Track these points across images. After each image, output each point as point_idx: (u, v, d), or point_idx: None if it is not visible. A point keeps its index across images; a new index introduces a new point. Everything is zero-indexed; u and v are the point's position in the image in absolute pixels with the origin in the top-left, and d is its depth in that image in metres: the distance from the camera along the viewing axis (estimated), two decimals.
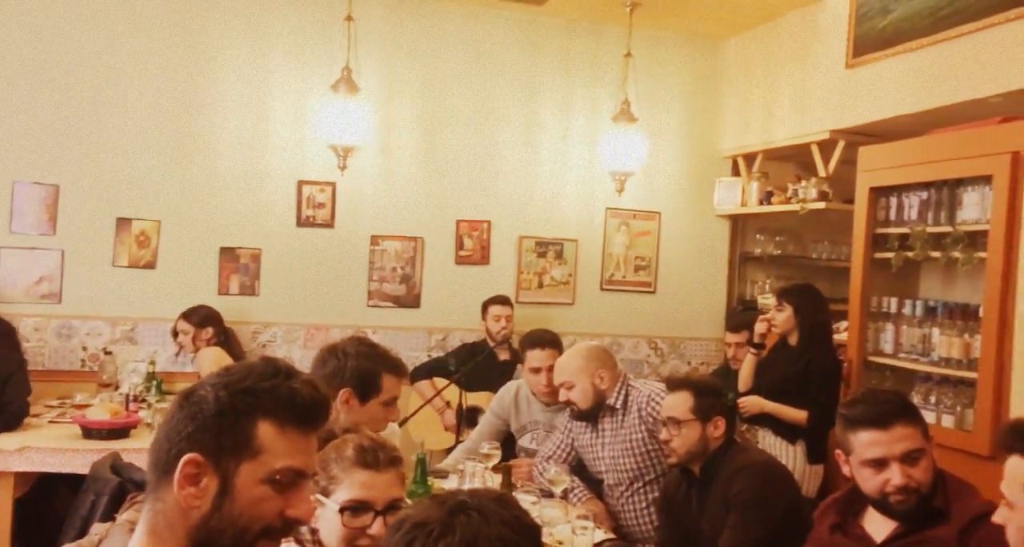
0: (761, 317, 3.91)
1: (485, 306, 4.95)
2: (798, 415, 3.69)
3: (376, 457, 1.67)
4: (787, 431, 3.73)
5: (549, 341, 3.46)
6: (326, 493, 1.67)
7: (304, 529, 1.67)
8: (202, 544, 1.17)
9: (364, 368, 2.27)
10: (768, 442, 3.76)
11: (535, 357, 3.42)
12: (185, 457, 1.17)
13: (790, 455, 3.71)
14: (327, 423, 1.48)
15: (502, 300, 4.92)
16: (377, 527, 1.64)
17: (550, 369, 3.25)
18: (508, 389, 3.60)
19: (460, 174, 5.30)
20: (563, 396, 3.08)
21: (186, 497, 1.16)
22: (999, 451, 1.61)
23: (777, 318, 3.83)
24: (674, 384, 2.68)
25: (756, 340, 3.94)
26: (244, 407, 1.18)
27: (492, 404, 3.58)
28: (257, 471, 1.17)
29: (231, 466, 1.17)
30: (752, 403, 3.70)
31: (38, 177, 4.72)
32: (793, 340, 3.82)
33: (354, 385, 2.27)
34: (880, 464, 1.99)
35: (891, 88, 4.11)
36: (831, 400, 3.65)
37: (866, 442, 1.99)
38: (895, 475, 1.96)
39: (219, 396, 1.19)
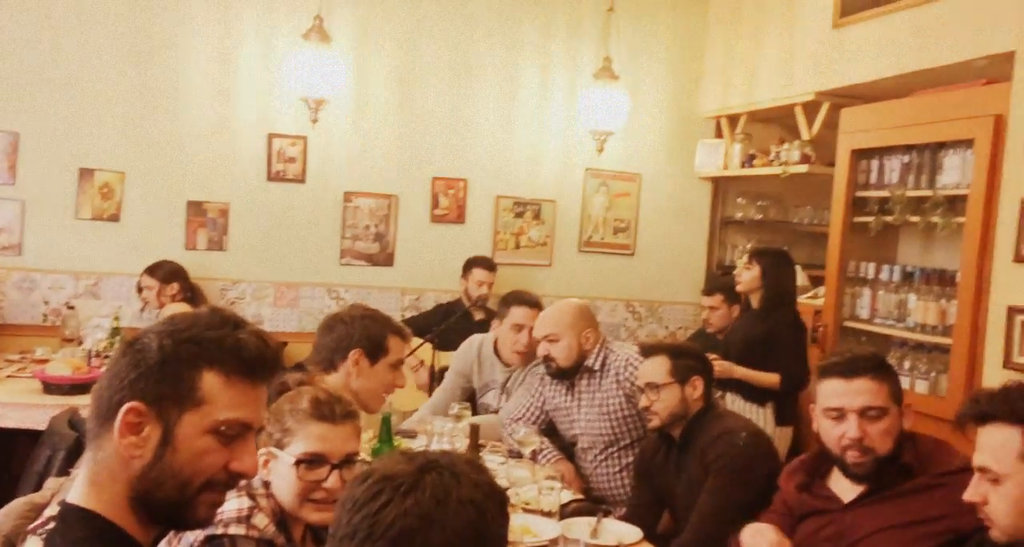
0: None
1: (468, 266, 4.91)
2: (771, 379, 3.75)
3: (332, 410, 1.67)
4: (756, 395, 3.80)
5: (536, 302, 3.47)
6: (280, 445, 1.67)
7: (256, 482, 1.66)
8: (143, 494, 1.16)
9: (371, 330, 2.34)
10: (737, 406, 3.81)
11: (521, 314, 3.41)
12: (126, 405, 1.16)
13: (759, 418, 3.77)
14: (281, 376, 1.53)
15: (488, 265, 4.88)
16: (333, 480, 1.65)
17: (532, 330, 3.24)
18: (470, 344, 3.60)
19: (436, 130, 5.24)
20: (543, 350, 3.07)
21: (127, 446, 1.16)
22: (967, 421, 1.58)
23: (743, 276, 3.88)
24: (648, 349, 2.71)
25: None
26: (188, 356, 1.17)
27: (454, 362, 3.58)
28: (201, 422, 1.17)
29: (173, 415, 1.16)
30: (723, 368, 3.70)
31: None
32: (756, 302, 3.87)
33: (364, 346, 2.33)
34: (839, 415, 2.01)
35: (877, 49, 4.08)
36: (797, 362, 3.72)
37: (828, 392, 2.02)
38: (851, 428, 1.98)
39: (163, 344, 1.18)
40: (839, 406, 2.00)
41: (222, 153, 4.95)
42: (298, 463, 1.66)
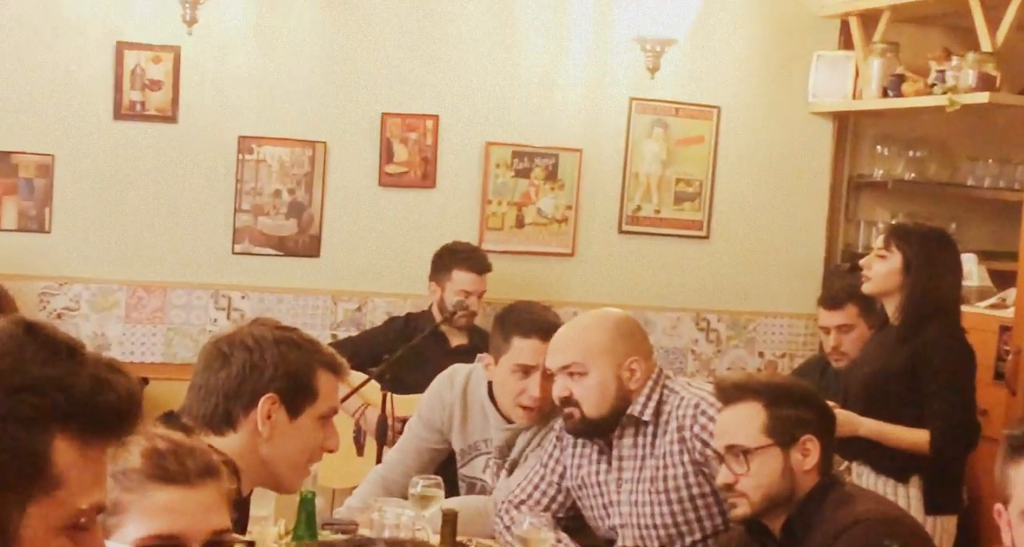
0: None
1: (443, 263, 4.66)
2: (916, 438, 3.64)
3: (182, 465, 1.65)
4: (893, 464, 3.70)
5: (554, 329, 3.23)
6: (107, 532, 1.58)
7: None
8: None
9: (291, 362, 2.29)
10: (866, 482, 3.73)
11: (531, 350, 3.26)
12: None
13: (900, 503, 3.58)
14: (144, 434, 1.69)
15: (476, 264, 4.63)
16: None
17: (551, 376, 3.09)
18: (450, 381, 3.55)
19: (390, 40, 4.95)
20: (561, 391, 2.98)
21: None
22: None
23: (875, 268, 3.77)
24: (732, 391, 2.66)
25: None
26: (26, 415, 1.17)
27: (422, 405, 3.55)
28: (54, 514, 1.19)
29: (13, 513, 1.17)
30: (844, 421, 3.47)
31: None
32: (894, 311, 3.75)
33: (280, 389, 2.27)
34: None
35: None
36: (961, 410, 3.63)
37: None
38: None
39: None
40: None
41: (42, 75, 4.69)
42: None
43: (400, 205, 5.05)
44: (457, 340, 4.57)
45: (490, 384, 3.44)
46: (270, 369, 2.26)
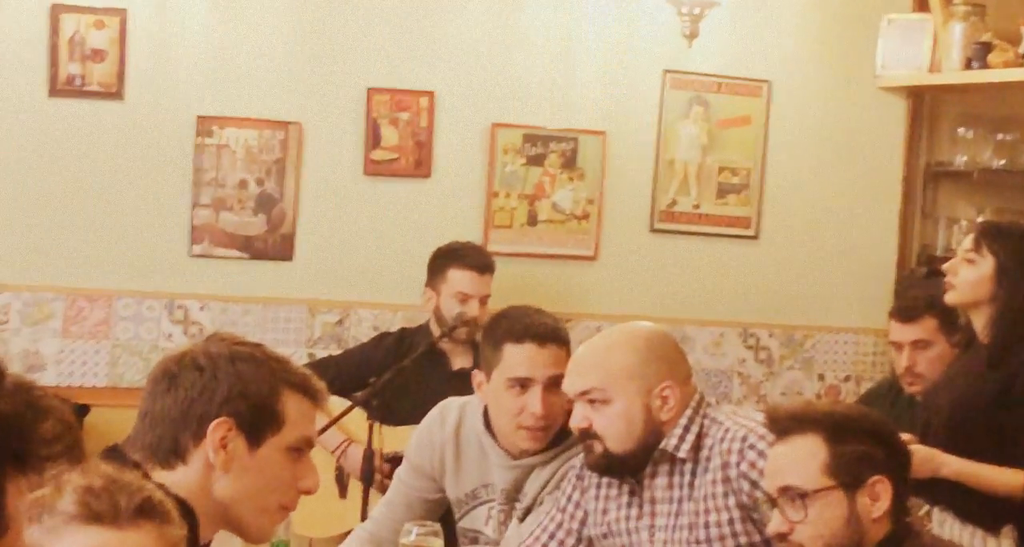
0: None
1: (438, 264, 4.39)
2: (1007, 479, 3.45)
3: (112, 505, 1.59)
4: (983, 511, 3.50)
5: (552, 333, 3.15)
6: None
7: None
8: None
9: (250, 383, 2.12)
10: (951, 531, 3.56)
11: (526, 358, 3.12)
12: None
13: None
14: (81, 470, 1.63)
15: (474, 261, 4.39)
16: None
17: (551, 385, 2.99)
18: (441, 415, 3.39)
19: (377, 2, 4.76)
20: (580, 421, 2.84)
21: None
22: None
23: (962, 274, 3.57)
24: (786, 423, 2.44)
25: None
26: None
27: (410, 448, 3.40)
28: None
29: None
30: (924, 459, 3.35)
31: None
32: (983, 327, 3.57)
33: (235, 411, 2.09)
34: None
35: None
36: None
37: None
38: None
39: None
40: None
41: None
42: None
43: (389, 198, 4.70)
44: (460, 361, 4.22)
45: (486, 413, 3.17)
46: (223, 389, 2.11)
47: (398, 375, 3.68)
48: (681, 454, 2.80)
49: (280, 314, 4.67)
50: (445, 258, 4.34)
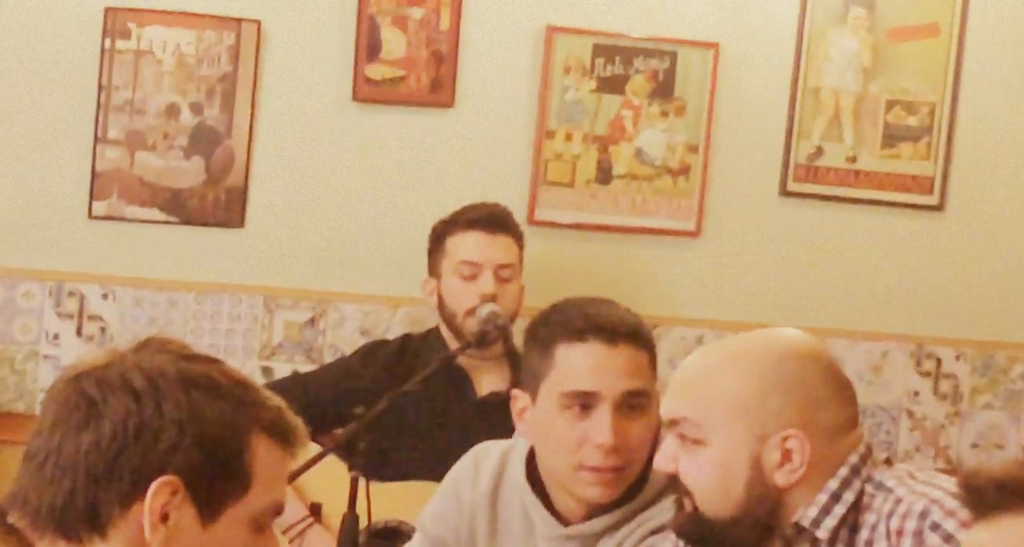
0: None
1: (437, 236, 3.79)
2: None
3: None
4: None
5: (630, 329, 2.59)
6: None
7: None
8: None
9: (210, 421, 1.79)
10: None
11: (588, 364, 2.63)
12: None
13: None
14: None
15: (485, 217, 3.72)
16: None
17: (626, 406, 2.50)
18: (475, 466, 2.87)
19: None
20: (664, 460, 2.42)
21: None
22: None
23: None
24: (990, 495, 1.96)
25: None
26: None
27: (427, 512, 2.85)
28: None
29: None
30: None
31: None
32: None
33: (186, 466, 1.79)
34: None
35: None
36: None
37: None
38: None
39: None
40: None
41: None
42: None
43: (390, 137, 3.83)
44: (491, 382, 3.50)
45: (531, 460, 2.64)
46: (171, 431, 1.66)
47: (398, 404, 3.00)
48: (822, 532, 2.17)
49: (223, 308, 3.87)
50: (443, 226, 3.65)
